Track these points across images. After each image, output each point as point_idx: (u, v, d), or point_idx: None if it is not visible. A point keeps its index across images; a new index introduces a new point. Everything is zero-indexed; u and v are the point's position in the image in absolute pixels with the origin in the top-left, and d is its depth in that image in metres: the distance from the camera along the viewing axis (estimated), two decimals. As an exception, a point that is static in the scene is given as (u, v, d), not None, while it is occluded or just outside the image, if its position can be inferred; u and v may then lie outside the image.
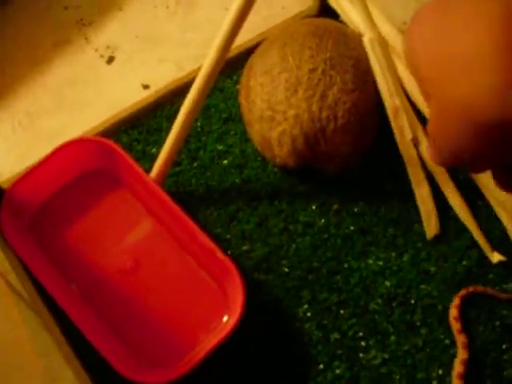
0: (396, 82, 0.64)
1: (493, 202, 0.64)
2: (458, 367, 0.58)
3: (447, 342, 0.60)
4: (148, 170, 0.64)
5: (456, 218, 0.65)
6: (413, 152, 0.63)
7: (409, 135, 0.62)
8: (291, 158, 0.63)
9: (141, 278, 0.61)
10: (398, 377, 0.59)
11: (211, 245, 0.58)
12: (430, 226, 0.64)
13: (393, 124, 0.63)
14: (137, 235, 0.63)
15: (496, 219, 0.65)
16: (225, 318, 0.58)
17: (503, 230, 0.64)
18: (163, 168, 0.63)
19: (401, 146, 0.63)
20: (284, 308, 0.61)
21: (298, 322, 0.61)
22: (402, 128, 0.62)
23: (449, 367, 0.59)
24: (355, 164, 0.66)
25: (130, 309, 0.60)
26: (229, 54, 0.74)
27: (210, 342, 0.54)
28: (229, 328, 0.54)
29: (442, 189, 0.65)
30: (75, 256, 0.62)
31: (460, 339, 0.59)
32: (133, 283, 0.61)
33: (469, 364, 0.58)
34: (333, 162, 0.63)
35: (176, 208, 0.59)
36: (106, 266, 0.62)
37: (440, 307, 0.61)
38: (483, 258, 0.64)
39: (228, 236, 0.64)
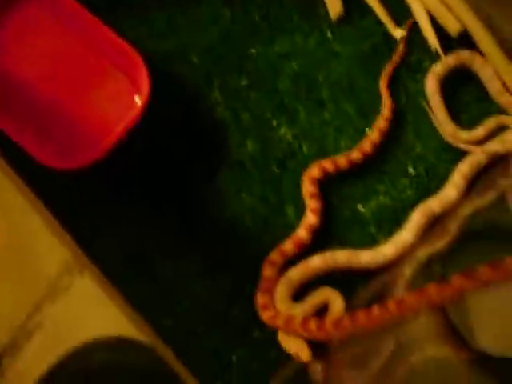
0: None
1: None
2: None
3: (352, 112, 0.63)
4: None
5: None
6: None
7: None
8: None
9: (58, 81, 0.63)
10: (306, 148, 0.62)
11: (120, 41, 0.59)
12: (334, 7, 0.65)
13: None
14: (50, 42, 0.64)
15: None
16: (136, 100, 0.61)
17: (405, 4, 0.66)
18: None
19: None
20: (196, 96, 0.64)
21: (211, 107, 0.63)
22: None
23: (355, 138, 0.63)
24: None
25: (49, 110, 0.62)
26: None
27: (124, 122, 0.57)
28: (139, 108, 0.57)
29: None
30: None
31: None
32: (51, 87, 0.63)
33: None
34: None
35: (85, 12, 0.60)
36: (25, 74, 0.63)
37: (346, 83, 0.64)
38: (388, 36, 0.66)
39: (137, 34, 0.65)
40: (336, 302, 0.57)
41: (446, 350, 0.60)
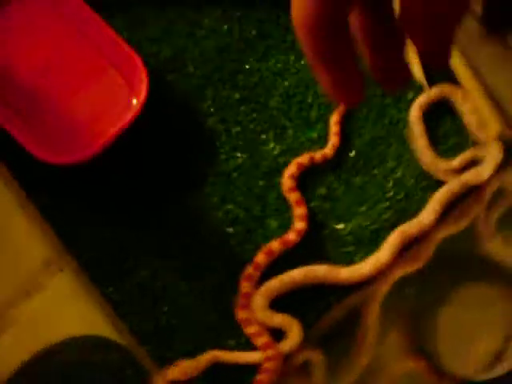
0: None
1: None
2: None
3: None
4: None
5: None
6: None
7: None
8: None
9: (53, 75, 0.63)
10: (293, 164, 0.64)
11: (120, 41, 0.60)
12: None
13: None
14: (48, 34, 0.64)
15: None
16: (133, 101, 0.61)
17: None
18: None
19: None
20: (189, 105, 0.65)
21: (202, 116, 0.65)
22: None
23: (340, 158, 0.65)
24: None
25: (44, 105, 0.62)
26: None
27: (117, 123, 0.58)
28: (135, 109, 0.57)
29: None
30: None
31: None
32: (45, 81, 0.63)
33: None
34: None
35: (87, 8, 0.61)
36: (19, 65, 0.63)
37: (335, 105, 0.66)
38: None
39: (135, 39, 0.66)
40: (293, 334, 0.59)
41: (413, 369, 0.62)
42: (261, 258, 0.60)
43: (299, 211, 0.62)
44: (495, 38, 0.66)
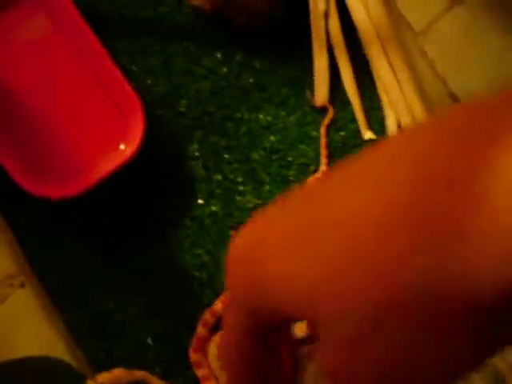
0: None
1: (378, 84, 0.71)
2: None
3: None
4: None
5: (344, 92, 0.71)
6: (321, 23, 0.67)
7: (322, 7, 0.66)
8: (208, 1, 0.64)
9: (44, 95, 0.62)
10: (265, 220, 0.67)
11: (121, 76, 0.60)
12: (320, 95, 0.69)
13: (309, -7, 0.66)
14: (44, 52, 0.62)
15: (378, 101, 0.72)
16: (122, 147, 0.61)
17: (382, 113, 0.72)
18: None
19: (312, 16, 0.67)
20: (175, 144, 0.66)
21: (187, 159, 0.66)
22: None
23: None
24: (266, 22, 0.69)
25: (31, 126, 0.61)
26: None
27: (106, 166, 0.58)
28: (126, 156, 0.58)
29: (338, 62, 0.70)
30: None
31: None
32: (36, 100, 0.62)
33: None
34: (245, 12, 0.66)
35: (89, 31, 0.59)
36: (12, 83, 0.61)
37: (312, 168, 0.69)
38: (358, 133, 0.71)
39: (133, 68, 0.66)
40: None
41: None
42: (218, 306, 0.64)
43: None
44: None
